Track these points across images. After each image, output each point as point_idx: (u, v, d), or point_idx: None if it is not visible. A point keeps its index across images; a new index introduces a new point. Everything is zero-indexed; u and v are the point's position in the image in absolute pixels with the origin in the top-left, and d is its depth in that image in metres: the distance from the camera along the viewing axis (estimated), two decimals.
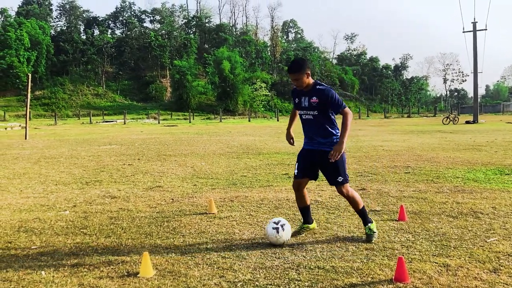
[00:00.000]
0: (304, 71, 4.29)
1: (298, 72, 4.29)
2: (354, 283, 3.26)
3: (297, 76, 4.30)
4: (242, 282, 3.31)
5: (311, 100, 4.34)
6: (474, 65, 38.72)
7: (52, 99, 76.14)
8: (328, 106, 4.32)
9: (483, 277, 3.32)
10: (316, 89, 4.34)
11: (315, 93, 4.33)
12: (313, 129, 4.45)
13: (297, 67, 4.32)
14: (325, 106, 4.32)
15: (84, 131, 29.32)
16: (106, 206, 6.06)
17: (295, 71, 4.31)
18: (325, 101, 4.30)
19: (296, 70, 4.30)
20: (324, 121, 4.39)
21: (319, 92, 4.31)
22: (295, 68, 4.31)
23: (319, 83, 4.39)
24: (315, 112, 4.35)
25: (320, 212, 5.53)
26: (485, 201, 6.00)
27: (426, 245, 4.15)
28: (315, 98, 4.31)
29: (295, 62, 4.38)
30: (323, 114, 4.36)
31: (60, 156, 12.70)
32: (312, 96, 4.34)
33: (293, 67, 4.33)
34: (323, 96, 4.29)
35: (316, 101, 4.31)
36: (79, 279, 3.41)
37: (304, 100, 4.40)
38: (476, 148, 13.37)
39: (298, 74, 4.29)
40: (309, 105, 4.36)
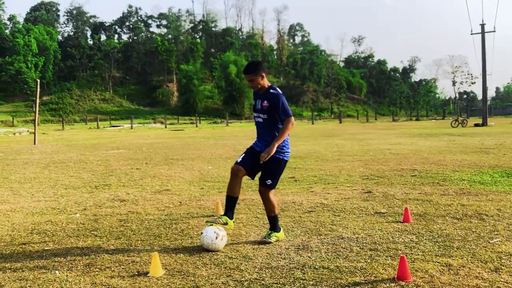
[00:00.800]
0: (258, 73, 4.42)
1: (252, 73, 4.42)
2: (358, 281, 3.35)
3: (252, 77, 4.43)
4: (249, 281, 3.41)
5: (263, 103, 4.47)
6: (483, 67, 38.60)
7: (59, 104, 76.76)
8: (275, 111, 4.42)
9: (484, 276, 3.39)
10: (269, 92, 4.47)
11: (267, 97, 4.46)
12: (263, 132, 4.54)
13: (252, 68, 4.45)
14: (274, 111, 4.42)
15: (91, 136, 29.61)
16: (116, 209, 6.19)
17: (249, 72, 4.44)
18: (274, 106, 4.40)
19: (251, 71, 4.43)
20: (272, 125, 4.47)
21: (271, 96, 4.44)
22: (250, 69, 4.44)
23: (273, 87, 4.51)
24: (265, 115, 4.48)
25: (326, 215, 5.61)
26: (490, 203, 6.05)
27: (430, 245, 4.22)
28: (266, 102, 4.44)
29: (251, 63, 4.53)
30: (272, 118, 4.45)
31: (69, 161, 12.88)
32: (264, 100, 4.47)
33: (248, 69, 4.46)
34: (273, 100, 4.40)
35: (266, 105, 4.44)
36: (92, 278, 3.53)
37: (258, 103, 4.54)
38: (484, 151, 13.38)
39: (252, 75, 4.42)
40: (261, 108, 4.49)
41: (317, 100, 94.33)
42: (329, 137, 22.65)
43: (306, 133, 28.27)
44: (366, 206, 6.03)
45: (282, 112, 4.39)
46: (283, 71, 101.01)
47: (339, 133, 27.46)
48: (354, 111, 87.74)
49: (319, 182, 8.27)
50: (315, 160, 11.93)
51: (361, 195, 6.88)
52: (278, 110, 4.39)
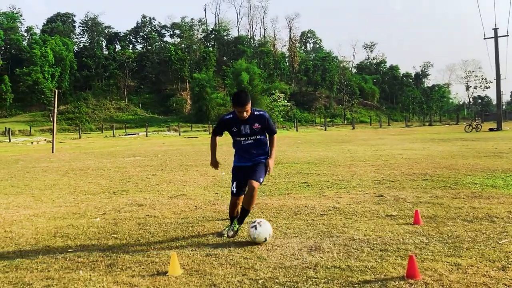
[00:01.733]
0: (250, 102, 4.67)
1: (247, 103, 4.62)
2: (368, 280, 3.48)
3: (247, 108, 4.63)
4: (263, 280, 3.57)
5: (253, 126, 4.78)
6: (497, 72, 38.35)
7: (75, 113, 78.04)
8: (266, 129, 4.87)
9: (491, 274, 3.50)
10: (256, 115, 4.78)
11: (256, 120, 4.77)
12: (253, 150, 4.88)
13: (246, 99, 4.64)
14: (265, 129, 4.87)
15: (107, 144, 30.09)
16: (134, 213, 6.40)
17: (245, 103, 4.62)
18: (266, 125, 4.84)
19: (246, 103, 4.62)
20: (263, 141, 4.92)
21: (259, 118, 4.79)
22: (245, 101, 4.62)
23: (256, 109, 4.83)
24: (257, 136, 4.84)
25: (338, 218, 5.74)
26: (501, 206, 6.12)
27: (439, 246, 4.33)
28: (257, 124, 4.78)
29: (243, 95, 4.69)
30: (263, 135, 4.90)
31: (87, 168, 13.19)
32: (253, 123, 4.76)
33: (243, 101, 4.63)
34: (263, 121, 4.80)
35: (258, 127, 4.80)
36: (114, 278, 3.71)
37: (244, 128, 4.79)
38: (498, 155, 13.35)
39: (247, 105, 4.62)
40: (251, 131, 4.79)
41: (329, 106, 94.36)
42: (342, 143, 22.71)
43: (319, 139, 28.35)
44: (378, 209, 6.14)
45: (272, 129, 4.95)
46: (295, 78, 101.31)
47: (351, 139, 27.48)
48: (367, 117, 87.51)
49: (332, 186, 8.40)
50: (327, 165, 12.05)
51: (373, 198, 6.99)
52: (269, 128, 4.89)
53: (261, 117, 4.80)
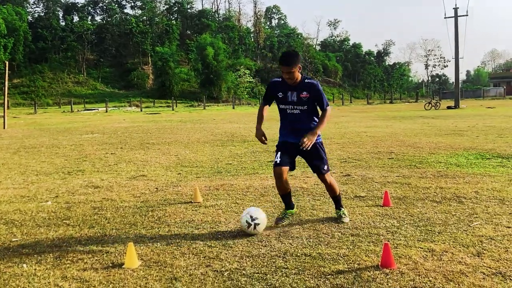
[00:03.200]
0: (297, 65, 4.14)
1: (292, 65, 4.10)
2: (341, 270, 3.26)
3: (291, 69, 4.11)
4: (229, 271, 3.29)
5: (301, 95, 4.24)
6: (456, 51, 39.10)
7: (31, 87, 74.57)
8: (316, 101, 4.30)
9: (467, 261, 3.36)
10: (306, 83, 4.25)
11: (305, 88, 4.24)
12: (300, 123, 4.34)
13: (291, 60, 4.11)
14: (315, 100, 4.30)
15: (65, 119, 28.86)
16: (89, 196, 5.97)
17: (289, 64, 4.10)
18: (316, 96, 4.27)
19: (291, 63, 4.10)
20: (311, 114, 4.37)
21: (309, 86, 4.24)
22: (290, 61, 4.10)
23: (307, 77, 4.32)
24: (305, 107, 4.29)
25: (306, 199, 5.53)
26: (468, 186, 6.07)
27: (411, 230, 4.18)
28: (306, 93, 4.24)
29: (290, 55, 4.18)
30: (311, 108, 4.34)
31: (40, 146, 12.47)
32: (302, 91, 4.23)
33: (288, 60, 4.11)
34: (313, 91, 4.24)
35: (307, 96, 4.24)
36: (62, 272, 3.34)
37: (291, 95, 4.27)
38: (458, 133, 13.55)
39: (292, 67, 4.11)
40: (298, 100, 4.26)
41: None
42: None
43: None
44: (346, 190, 5.97)
45: (324, 101, 4.32)
46: (260, 54, 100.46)
47: None
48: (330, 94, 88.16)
49: (298, 165, 8.13)
50: None
51: (340, 178, 6.83)
52: (320, 100, 4.30)
53: (312, 86, 4.23)
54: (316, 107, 4.39)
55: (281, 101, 4.36)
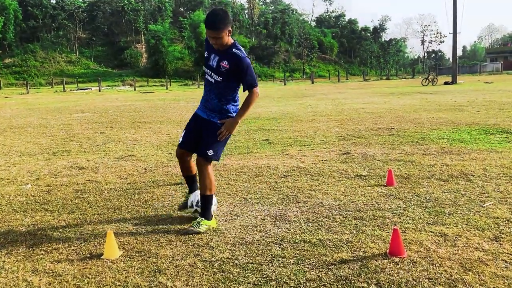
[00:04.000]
0: (226, 28, 3.42)
1: (220, 29, 3.39)
2: (345, 258, 2.92)
3: (216, 34, 3.41)
4: (220, 261, 2.94)
5: (221, 63, 3.53)
6: (454, 26, 38.41)
7: (23, 67, 73.31)
8: (237, 78, 3.56)
9: (485, 247, 3.02)
10: (232, 52, 3.51)
11: (229, 57, 3.51)
12: (212, 94, 3.66)
13: (218, 22, 3.38)
14: (234, 76, 3.55)
15: (57, 99, 28.27)
16: (73, 178, 5.59)
17: (215, 27, 3.39)
18: (237, 71, 3.52)
19: (218, 27, 3.38)
20: (226, 91, 3.62)
21: (234, 57, 3.50)
22: (217, 24, 3.38)
23: (237, 46, 3.55)
24: (220, 77, 3.56)
25: (303, 179, 5.17)
26: (475, 163, 5.74)
27: (419, 212, 3.84)
28: (226, 63, 3.51)
29: (216, 15, 3.41)
30: (227, 83, 3.59)
31: (28, 126, 12.02)
32: (224, 59, 3.52)
33: (213, 22, 3.39)
34: (237, 63, 3.50)
35: (226, 67, 3.52)
36: (34, 264, 2.99)
37: (213, 58, 3.59)
38: (458, 109, 13.19)
39: (218, 31, 3.40)
40: (216, 67, 3.56)
41: (289, 60, 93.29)
42: (302, 98, 22.17)
43: (279, 94, 27.71)
44: (346, 169, 5.62)
45: (248, 80, 3.52)
46: (254, 31, 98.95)
47: (311, 93, 27.00)
48: (325, 71, 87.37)
49: (294, 144, 7.82)
50: (289, 121, 11.47)
51: (339, 156, 6.47)
52: (242, 77, 3.52)
53: (236, 57, 3.47)
54: (234, 86, 3.63)
55: (205, 61, 3.68)
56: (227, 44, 3.54)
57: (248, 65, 3.52)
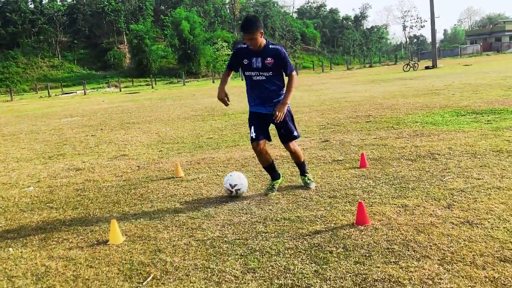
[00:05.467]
0: (259, 30, 4.11)
1: (254, 31, 4.09)
2: (318, 230, 3.40)
3: (252, 36, 4.10)
4: (211, 240, 3.40)
5: (266, 61, 4.21)
6: (431, 10, 39.11)
7: (5, 74, 72.67)
8: (281, 67, 4.26)
9: (438, 213, 3.52)
10: (270, 48, 4.21)
11: (269, 53, 4.20)
12: (266, 91, 4.32)
13: (252, 26, 4.10)
14: (280, 67, 4.26)
15: (43, 105, 28.38)
16: (71, 179, 6.00)
17: (250, 30, 4.09)
18: (280, 61, 4.23)
19: (251, 30, 4.09)
20: (277, 81, 4.33)
21: (273, 52, 4.20)
22: (251, 27, 4.09)
23: (271, 42, 4.29)
24: (270, 73, 4.25)
25: (285, 166, 5.65)
26: (442, 143, 6.25)
27: (386, 188, 4.33)
28: (270, 59, 4.20)
29: (250, 20, 4.15)
30: (276, 74, 4.30)
31: (19, 133, 12.33)
32: (266, 57, 4.20)
33: (248, 26, 4.10)
34: (278, 56, 4.20)
35: (271, 62, 4.21)
36: (48, 252, 3.42)
37: (256, 61, 4.24)
38: (435, 93, 13.75)
39: (253, 33, 4.09)
40: (262, 66, 4.23)
41: None
42: None
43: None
44: (324, 155, 6.11)
45: (288, 68, 4.28)
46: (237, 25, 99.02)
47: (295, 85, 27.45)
48: (309, 62, 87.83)
49: None
50: None
51: (319, 144, 6.96)
52: (285, 65, 4.26)
53: (276, 51, 4.19)
54: (281, 74, 4.36)
55: (246, 67, 4.32)
56: (262, 44, 4.21)
57: (286, 54, 4.26)
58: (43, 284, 2.87)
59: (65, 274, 3.00)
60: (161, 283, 2.76)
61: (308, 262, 2.87)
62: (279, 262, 2.91)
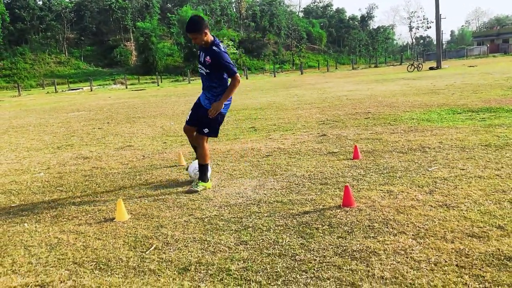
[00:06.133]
0: (201, 31, 4.38)
1: (195, 31, 4.39)
2: (307, 210, 3.70)
3: (194, 36, 4.43)
4: (209, 218, 3.71)
5: (206, 58, 4.52)
6: (436, 11, 39.22)
7: (13, 69, 73.47)
8: (219, 69, 4.50)
9: (419, 198, 3.81)
10: (211, 49, 4.48)
11: (210, 53, 4.49)
12: (205, 83, 4.66)
13: (193, 27, 4.40)
14: (216, 68, 4.50)
15: (50, 100, 28.82)
16: (80, 166, 6.32)
17: (191, 30, 4.41)
18: (217, 64, 4.47)
19: (193, 30, 4.40)
20: (213, 80, 4.57)
21: (212, 53, 4.46)
22: (192, 28, 4.41)
23: (216, 44, 4.52)
24: (207, 70, 4.55)
25: (282, 157, 5.94)
26: (434, 138, 6.52)
27: (375, 177, 4.62)
28: (209, 58, 4.49)
29: (192, 21, 4.45)
30: (214, 73, 4.54)
31: (28, 125, 12.70)
32: (207, 55, 4.51)
33: (190, 27, 4.42)
34: (215, 58, 4.46)
35: (209, 61, 4.50)
36: (60, 227, 3.74)
37: (201, 56, 4.59)
38: (435, 92, 13.98)
39: (195, 33, 4.40)
40: (203, 62, 4.56)
41: (278, 52, 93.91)
42: (290, 88, 22.93)
43: (268, 86, 28.42)
44: (320, 148, 6.39)
45: (226, 70, 4.50)
46: (243, 24, 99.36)
47: (299, 84, 27.76)
48: (315, 61, 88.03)
49: (278, 129, 8.59)
50: (274, 110, 12.22)
51: (316, 138, 7.24)
52: (224, 68, 4.49)
53: (214, 53, 4.44)
54: (221, 75, 4.56)
55: (197, 59, 4.73)
56: (208, 42, 4.51)
57: (224, 58, 4.46)
58: (56, 252, 3.18)
59: (76, 244, 3.31)
60: (162, 252, 3.07)
61: (295, 237, 3.16)
62: (269, 236, 3.21)
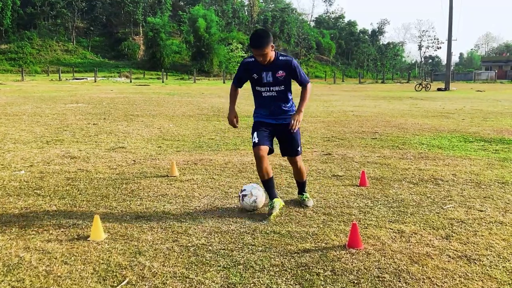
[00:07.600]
0: (269, 44, 3.78)
1: (264, 46, 3.75)
2: (308, 248, 3.24)
3: (263, 51, 3.78)
4: (195, 247, 3.25)
5: (277, 74, 3.93)
6: (449, 33, 38.89)
7: (19, 53, 73.03)
8: (294, 78, 4.00)
9: (435, 244, 3.35)
10: (281, 60, 3.92)
11: (280, 66, 3.92)
12: (277, 103, 4.06)
13: (262, 41, 3.76)
14: (291, 79, 3.99)
15: (52, 88, 28.40)
16: (64, 167, 5.87)
17: (260, 46, 3.75)
18: (293, 72, 3.96)
19: (262, 45, 3.75)
20: (287, 94, 4.08)
21: (285, 64, 3.92)
22: (261, 43, 3.75)
23: (282, 54, 3.99)
24: (281, 87, 3.99)
25: (283, 177, 5.50)
26: (446, 168, 6.07)
27: (384, 211, 4.17)
28: (282, 72, 3.92)
29: (260, 35, 3.80)
30: (288, 87, 4.05)
31: (22, 114, 12.26)
32: (277, 70, 3.92)
33: (258, 42, 3.75)
34: (289, 68, 3.93)
35: (282, 75, 3.94)
36: (26, 242, 3.28)
37: (266, 76, 3.95)
38: (445, 115, 13.56)
39: (264, 48, 3.76)
40: (274, 80, 3.95)
41: None
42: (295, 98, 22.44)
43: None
44: (324, 169, 5.95)
45: (302, 77, 4.05)
46: (253, 28, 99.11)
47: None
48: (322, 72, 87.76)
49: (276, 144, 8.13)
50: None
51: (320, 157, 6.80)
52: (298, 76, 4.00)
53: (287, 63, 3.90)
54: (290, 86, 4.08)
55: (256, 82, 4.03)
56: (272, 57, 3.91)
57: (297, 64, 4.00)
58: (13, 277, 2.73)
59: (38, 268, 2.85)
60: None
61: (292, 283, 2.71)
62: (262, 279, 2.75)
